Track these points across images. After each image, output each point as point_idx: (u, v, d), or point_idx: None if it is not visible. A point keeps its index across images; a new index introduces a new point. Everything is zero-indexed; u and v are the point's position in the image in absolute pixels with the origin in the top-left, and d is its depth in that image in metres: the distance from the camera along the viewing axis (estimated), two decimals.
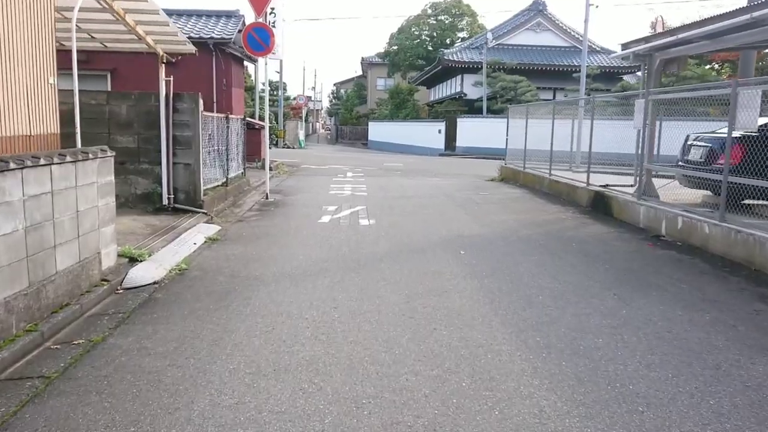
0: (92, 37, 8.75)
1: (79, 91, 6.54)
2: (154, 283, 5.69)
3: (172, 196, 9.22)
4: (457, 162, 26.21)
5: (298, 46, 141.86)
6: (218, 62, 17.62)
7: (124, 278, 5.66)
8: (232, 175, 12.17)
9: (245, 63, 21.60)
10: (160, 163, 9.14)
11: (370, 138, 48.05)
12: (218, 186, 10.77)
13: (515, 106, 18.93)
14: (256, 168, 17.88)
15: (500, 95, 31.89)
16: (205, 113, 9.76)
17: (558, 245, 7.70)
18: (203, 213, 9.25)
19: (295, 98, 47.65)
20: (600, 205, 10.56)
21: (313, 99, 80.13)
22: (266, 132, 11.73)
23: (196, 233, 8.02)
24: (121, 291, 5.45)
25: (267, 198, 11.84)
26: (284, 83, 54.29)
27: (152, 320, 4.61)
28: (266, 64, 14.55)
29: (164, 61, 8.94)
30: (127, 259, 6.11)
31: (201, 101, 9.17)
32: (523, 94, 30.59)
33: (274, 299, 5.16)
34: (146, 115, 9.16)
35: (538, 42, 36.54)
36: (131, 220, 8.46)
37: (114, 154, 5.76)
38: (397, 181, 16.09)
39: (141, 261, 6.17)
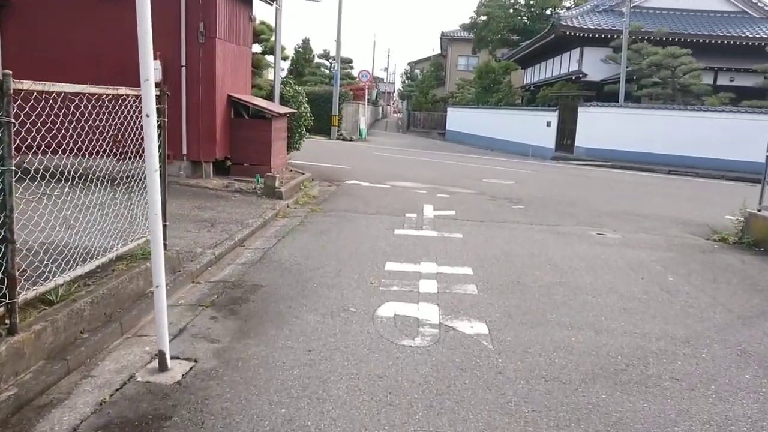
0: None
1: None
2: None
3: None
4: (596, 177, 16.79)
5: (366, 15, 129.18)
6: None
7: None
8: (85, 269, 3.95)
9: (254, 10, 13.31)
10: None
11: (448, 127, 39.20)
12: None
13: None
14: (254, 194, 9.58)
15: (643, 76, 22.23)
16: None
17: None
18: None
19: (356, 77, 39.08)
20: None
21: (385, 81, 71.49)
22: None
23: None
24: None
25: (159, 371, 3.46)
26: (350, 59, 46.01)
27: None
28: None
29: None
30: None
31: None
32: (683, 75, 20.86)
33: None
34: None
35: (690, 5, 26.39)
36: None
37: None
38: (536, 248, 7.32)
39: None
